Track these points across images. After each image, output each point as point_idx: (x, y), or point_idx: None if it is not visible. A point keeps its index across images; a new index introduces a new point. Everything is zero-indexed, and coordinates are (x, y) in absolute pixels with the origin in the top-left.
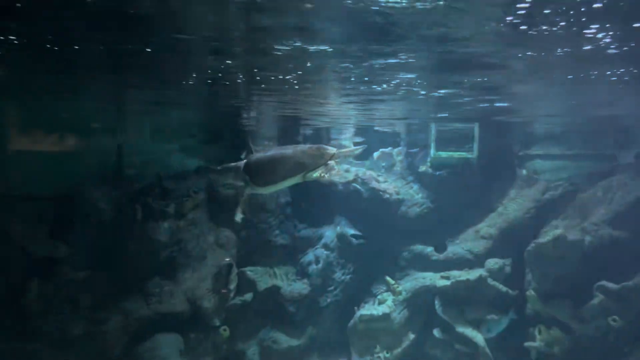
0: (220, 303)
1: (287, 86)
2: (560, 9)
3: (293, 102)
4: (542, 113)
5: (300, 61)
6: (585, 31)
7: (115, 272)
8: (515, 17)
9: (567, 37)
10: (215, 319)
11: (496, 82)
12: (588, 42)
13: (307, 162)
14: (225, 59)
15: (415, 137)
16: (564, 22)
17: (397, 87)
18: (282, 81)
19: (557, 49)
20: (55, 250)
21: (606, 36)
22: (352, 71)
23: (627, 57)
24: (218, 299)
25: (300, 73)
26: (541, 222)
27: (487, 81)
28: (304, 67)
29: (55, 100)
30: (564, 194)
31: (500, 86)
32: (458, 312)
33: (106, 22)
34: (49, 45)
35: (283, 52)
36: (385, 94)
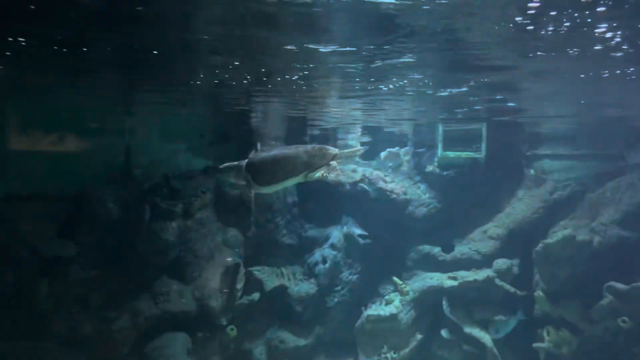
0: (227, 302)
1: (294, 86)
2: (566, 10)
3: (300, 102)
4: (550, 113)
5: (307, 61)
6: (595, 31)
7: (124, 272)
8: (525, 18)
9: (576, 37)
10: (222, 318)
11: (505, 82)
12: (598, 42)
13: (309, 162)
14: (233, 59)
15: (422, 137)
16: (573, 22)
17: (405, 87)
18: (289, 81)
19: (567, 49)
20: (64, 249)
21: (616, 36)
22: (360, 71)
23: (635, 57)
24: (225, 299)
25: (307, 73)
26: (549, 222)
27: (495, 81)
28: (311, 68)
29: (63, 101)
30: (572, 194)
31: (508, 86)
32: (466, 313)
33: (114, 23)
34: (57, 47)
35: (290, 53)
36: (393, 94)
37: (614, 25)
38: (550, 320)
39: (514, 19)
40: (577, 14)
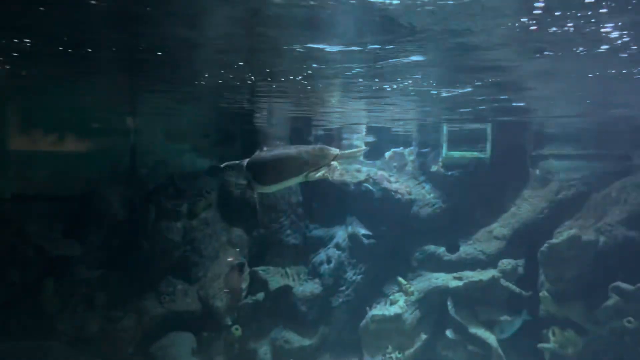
0: (232, 302)
1: (298, 86)
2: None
3: (304, 102)
4: (556, 113)
5: (311, 61)
6: (601, 31)
7: (129, 271)
8: (530, 18)
9: (582, 37)
10: (227, 318)
11: (510, 82)
12: (605, 42)
13: (310, 162)
14: (237, 59)
15: (427, 137)
16: (578, 22)
17: (410, 87)
18: (294, 81)
19: (573, 49)
20: (70, 249)
21: (623, 36)
22: (364, 71)
23: None
24: (230, 298)
25: (311, 73)
26: (555, 222)
27: (500, 81)
28: (315, 68)
29: (68, 102)
30: (578, 194)
31: (514, 86)
32: (471, 313)
33: (118, 24)
34: (62, 47)
35: (294, 53)
36: (397, 94)
37: (619, 25)
38: (555, 320)
39: (520, 19)
40: (580, 14)
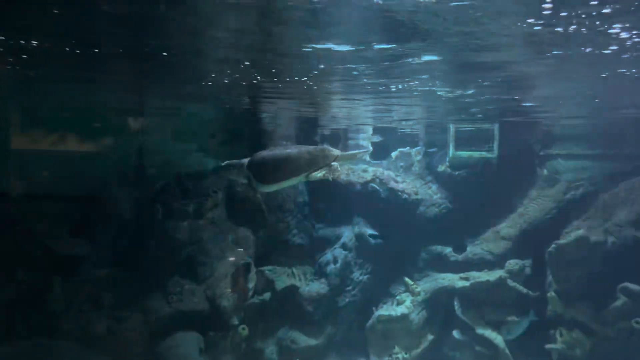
0: (239, 302)
1: (305, 86)
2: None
3: (311, 102)
4: (565, 113)
5: (318, 61)
6: (610, 31)
7: (136, 271)
8: (539, 18)
9: (591, 37)
10: (234, 317)
11: (518, 82)
12: (613, 42)
13: (311, 163)
14: (243, 59)
15: (433, 137)
16: (585, 22)
17: (417, 87)
18: (300, 81)
19: (581, 49)
20: (77, 248)
21: (632, 36)
22: (371, 71)
23: None
24: (237, 298)
25: (317, 73)
26: (563, 222)
27: (508, 81)
28: (321, 68)
29: (76, 102)
30: (586, 194)
31: (522, 86)
32: (478, 314)
33: (125, 24)
34: (69, 48)
35: (300, 53)
36: (404, 94)
37: (627, 26)
38: (563, 321)
39: (527, 19)
40: (585, 15)
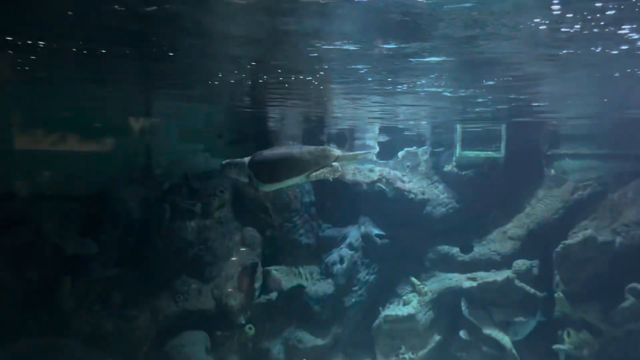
0: (245, 301)
1: (311, 86)
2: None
3: (317, 102)
4: (572, 112)
5: (325, 61)
6: (619, 32)
7: (144, 270)
8: (546, 18)
9: (599, 37)
10: (241, 317)
11: (526, 81)
12: (623, 42)
13: (312, 163)
14: (250, 60)
15: (440, 137)
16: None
17: (424, 87)
18: (307, 81)
19: (590, 48)
20: (86, 248)
21: None
22: (378, 71)
23: None
24: (243, 298)
25: (323, 74)
26: (570, 222)
27: (516, 81)
28: (326, 68)
29: (84, 101)
30: (594, 194)
31: (530, 86)
32: (485, 314)
33: (131, 25)
34: (75, 49)
35: (306, 53)
36: (411, 94)
37: (634, 27)
38: (570, 321)
39: (535, 20)
40: (590, 16)
